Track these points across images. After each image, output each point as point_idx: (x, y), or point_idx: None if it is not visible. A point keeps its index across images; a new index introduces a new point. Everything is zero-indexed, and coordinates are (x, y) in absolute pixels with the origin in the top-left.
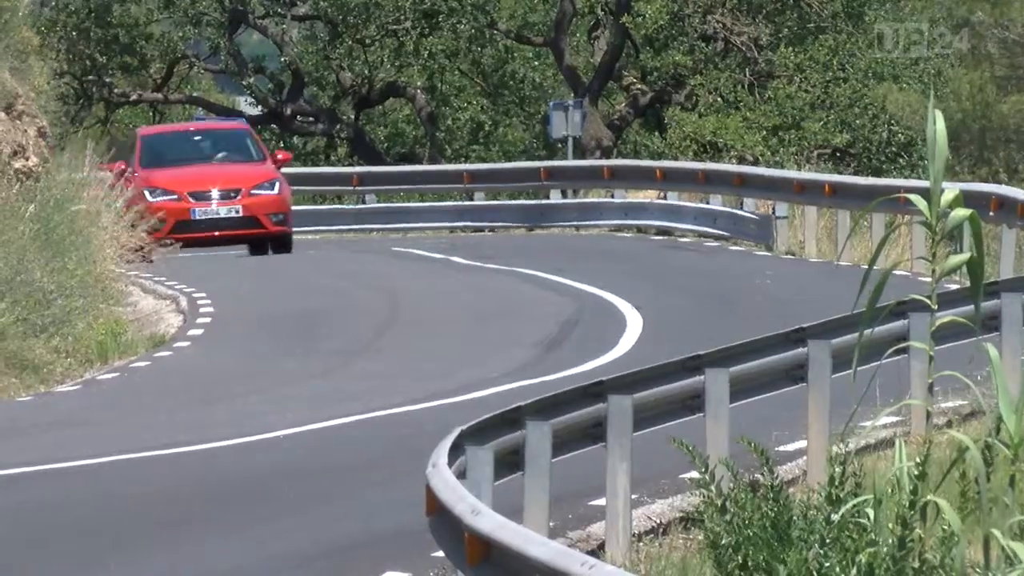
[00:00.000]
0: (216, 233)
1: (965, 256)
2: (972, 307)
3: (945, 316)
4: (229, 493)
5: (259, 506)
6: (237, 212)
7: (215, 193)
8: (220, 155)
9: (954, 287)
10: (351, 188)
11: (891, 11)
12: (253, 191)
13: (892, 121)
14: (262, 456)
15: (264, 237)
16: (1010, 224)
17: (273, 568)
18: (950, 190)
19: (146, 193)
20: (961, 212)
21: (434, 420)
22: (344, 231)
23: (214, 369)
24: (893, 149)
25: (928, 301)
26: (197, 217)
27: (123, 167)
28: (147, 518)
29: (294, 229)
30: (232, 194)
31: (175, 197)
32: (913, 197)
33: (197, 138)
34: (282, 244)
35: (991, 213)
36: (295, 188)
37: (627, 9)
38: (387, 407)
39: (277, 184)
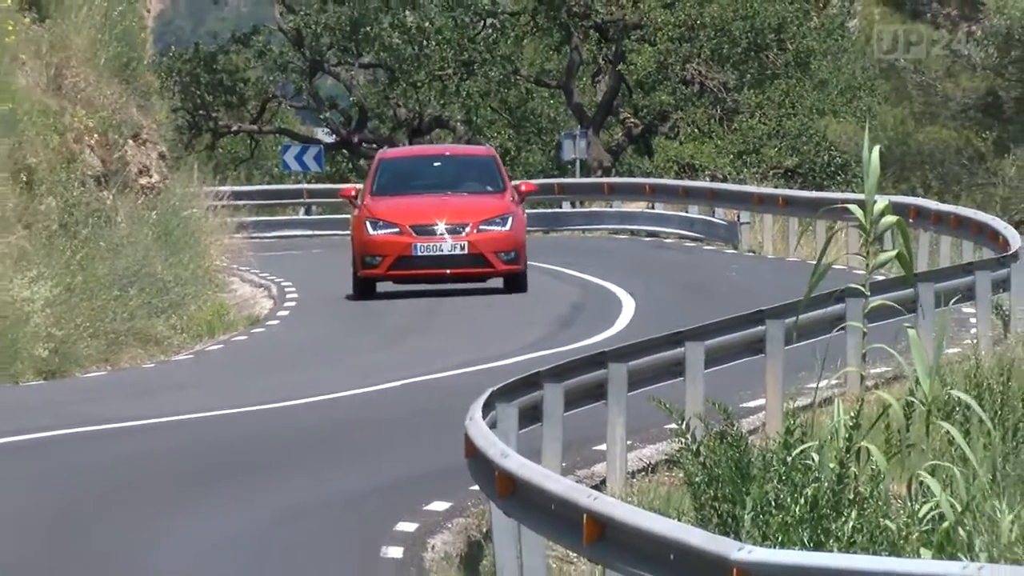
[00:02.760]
0: (438, 271)
1: (894, 252)
2: (896, 293)
3: (876, 300)
4: (306, 442)
5: (328, 452)
6: (463, 248)
7: (440, 227)
8: (457, 185)
9: (880, 279)
10: None
11: (831, 62)
12: (482, 226)
13: (831, 147)
14: (332, 412)
15: (491, 276)
16: (924, 228)
17: (338, 501)
18: (881, 201)
19: (367, 225)
20: (890, 218)
21: (469, 383)
22: None
23: (297, 343)
24: (832, 169)
25: (863, 289)
26: (419, 253)
27: (353, 193)
28: (242, 461)
29: None
30: (459, 229)
31: (396, 230)
32: (852, 207)
33: (437, 164)
34: (514, 283)
35: (910, 220)
36: None
37: (622, 59)
38: (431, 373)
39: (510, 219)
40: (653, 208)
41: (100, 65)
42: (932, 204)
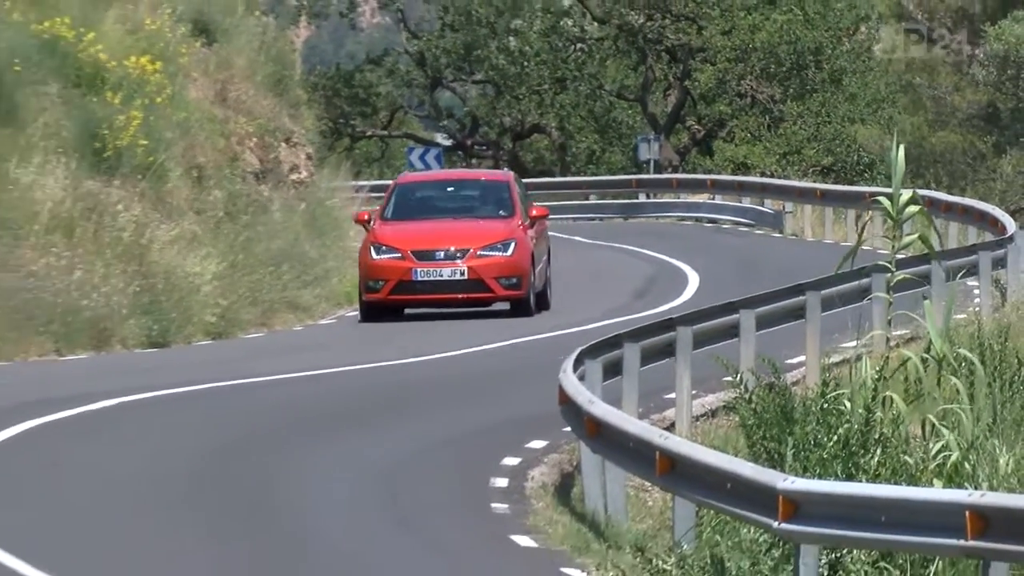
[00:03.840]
0: (438, 296)
1: (916, 235)
2: (914, 269)
3: (899, 275)
4: (425, 392)
5: (444, 400)
6: (462, 274)
7: (440, 253)
8: (466, 211)
9: (900, 257)
10: None
11: (860, 79)
12: (481, 252)
13: (860, 149)
14: (447, 367)
15: (492, 301)
16: (936, 216)
17: (453, 440)
18: (906, 193)
19: (371, 250)
20: (913, 208)
21: (561, 344)
22: None
23: (414, 313)
24: (861, 167)
25: (889, 266)
26: (419, 278)
27: (365, 218)
28: (374, 407)
29: None
30: (458, 255)
31: (398, 256)
32: (882, 199)
33: (450, 188)
34: (519, 308)
35: (925, 209)
36: None
37: (688, 76)
38: (529, 335)
39: (512, 245)
40: (713, 199)
41: (258, 81)
42: (943, 196)
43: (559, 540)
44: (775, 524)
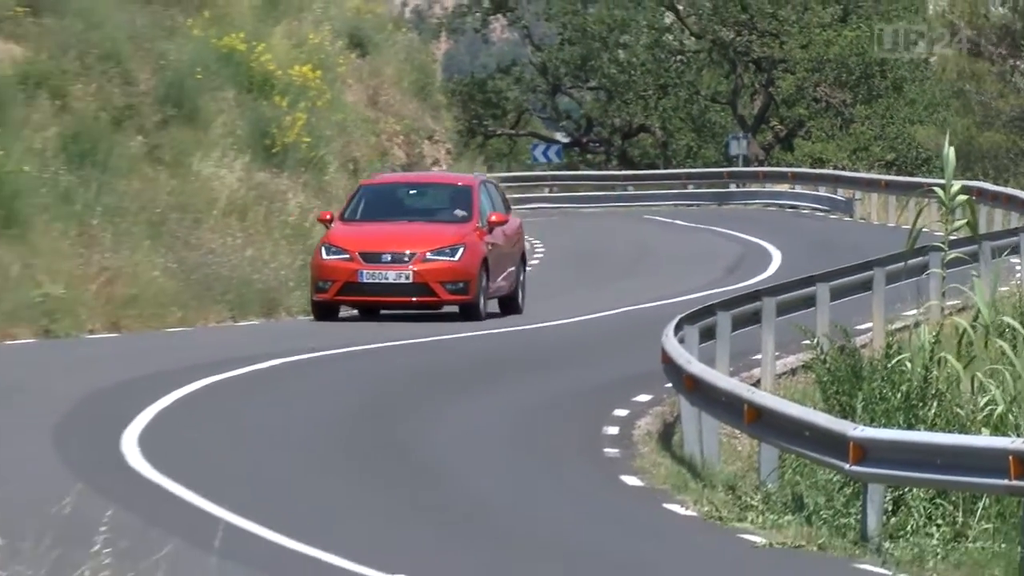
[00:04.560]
0: (384, 299)
1: (965, 220)
2: (964, 249)
3: (952, 253)
4: (548, 353)
5: (563, 360)
6: (407, 278)
7: (387, 256)
8: (425, 214)
9: (953, 238)
10: (620, 182)
11: (918, 87)
12: (429, 255)
13: (918, 146)
14: (567, 331)
15: (435, 306)
16: (984, 204)
17: (571, 394)
18: (956, 184)
19: (322, 250)
20: (962, 197)
21: (663, 312)
22: (616, 206)
23: (541, 284)
24: (919, 162)
25: (943, 246)
26: (364, 280)
27: (327, 218)
28: (503, 366)
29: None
30: (404, 258)
31: (346, 256)
32: (936, 189)
33: (412, 192)
34: (465, 312)
35: (974, 198)
36: (598, 184)
37: (772, 84)
38: (637, 304)
39: (461, 250)
40: (793, 188)
41: (404, 87)
42: (990, 186)
43: (661, 480)
44: (846, 466)
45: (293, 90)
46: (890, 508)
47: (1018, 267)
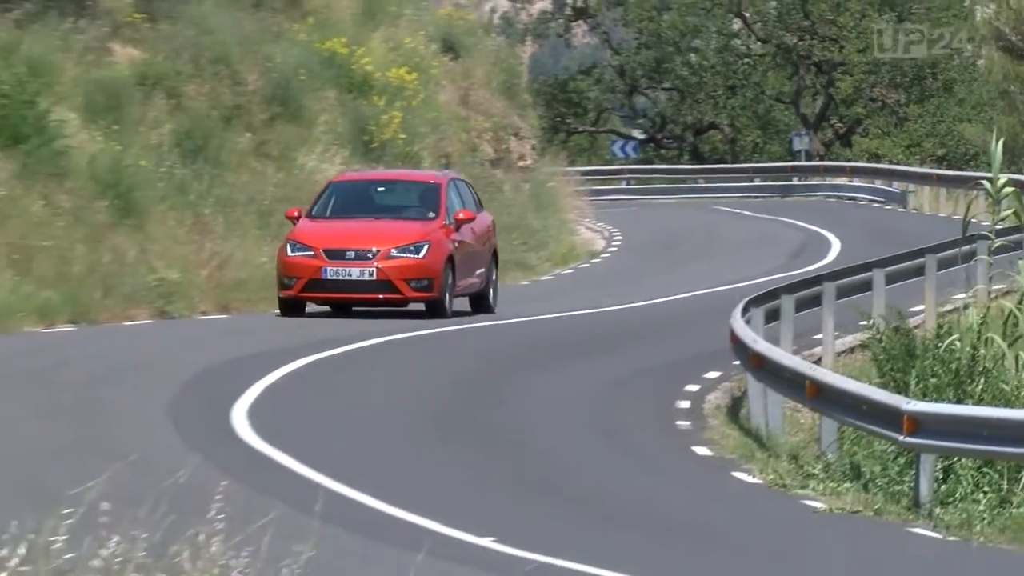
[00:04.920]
0: (348, 296)
1: (1011, 210)
2: (1009, 237)
3: (998, 241)
4: (624, 333)
5: (639, 340)
6: (370, 275)
7: (351, 253)
8: (392, 212)
9: (999, 227)
10: (692, 175)
11: (967, 87)
12: (394, 253)
13: (967, 143)
14: (641, 313)
15: (400, 303)
16: None
17: (645, 371)
18: (1002, 178)
19: (287, 247)
20: (1008, 188)
21: (731, 295)
22: (687, 198)
23: (620, 269)
24: (967, 157)
25: (990, 235)
26: (328, 277)
27: (295, 215)
28: (581, 346)
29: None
30: (368, 255)
31: (310, 253)
32: (984, 182)
33: (380, 189)
34: (431, 310)
35: (1019, 191)
36: (671, 177)
37: (832, 84)
38: (707, 288)
39: (425, 247)
40: (852, 182)
41: (493, 88)
42: None
43: (729, 450)
44: (900, 438)
45: (390, 90)
46: (940, 476)
47: None
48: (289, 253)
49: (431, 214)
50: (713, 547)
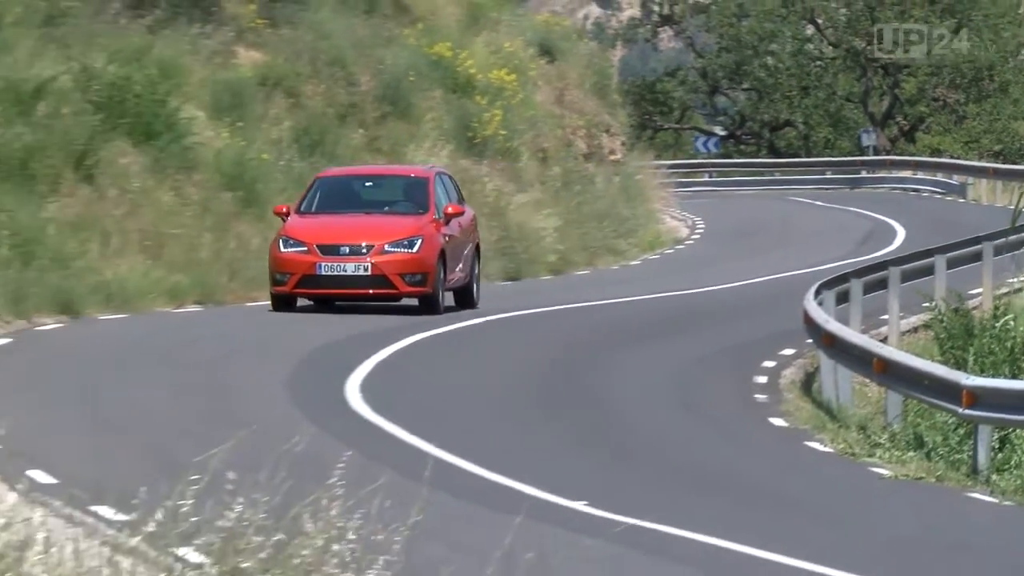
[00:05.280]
0: (343, 291)
1: None
2: None
3: None
4: (705, 313)
5: (720, 320)
6: (365, 270)
7: (345, 248)
8: (382, 207)
9: None
10: (768, 169)
11: (1021, 88)
12: (388, 248)
13: (1021, 139)
14: (722, 295)
15: (395, 298)
16: None
17: (726, 349)
18: None
19: (280, 243)
20: None
21: (805, 279)
22: (764, 189)
23: (703, 255)
24: (1021, 152)
25: None
26: (322, 272)
27: (284, 211)
28: (668, 325)
29: None
30: (362, 250)
31: (303, 249)
32: None
33: (368, 184)
34: (424, 305)
35: None
36: (749, 170)
37: (897, 85)
38: (783, 272)
39: (419, 241)
40: (915, 175)
41: (586, 88)
42: None
43: (803, 421)
44: (960, 410)
45: (491, 90)
46: (997, 446)
47: None
48: (282, 249)
49: (421, 209)
50: (789, 511)
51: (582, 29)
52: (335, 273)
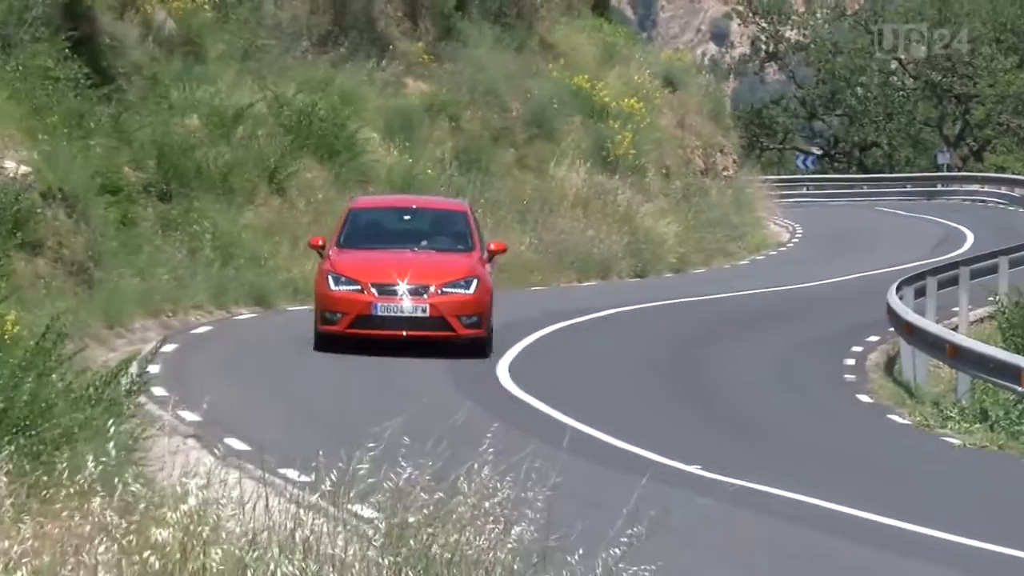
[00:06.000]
0: (399, 333)
1: None
2: None
3: None
4: (804, 306)
5: (814, 312)
6: (424, 311)
7: (401, 288)
8: (424, 241)
9: None
10: (858, 183)
11: None
12: (445, 288)
13: None
14: (818, 291)
15: (453, 340)
16: None
17: (821, 337)
18: None
19: (329, 280)
20: None
21: (888, 277)
22: (854, 200)
23: (802, 256)
24: None
25: None
26: (379, 313)
27: (320, 244)
28: (772, 315)
29: None
30: (421, 290)
31: (357, 288)
32: None
33: (407, 217)
34: (474, 348)
35: None
36: (842, 184)
37: (968, 112)
38: (868, 271)
39: (475, 282)
40: (983, 188)
41: (703, 114)
42: None
43: (886, 397)
44: (1020, 389)
45: (623, 116)
46: None
47: None
48: (332, 287)
49: (463, 246)
50: (873, 475)
51: (700, 64)
52: (392, 314)
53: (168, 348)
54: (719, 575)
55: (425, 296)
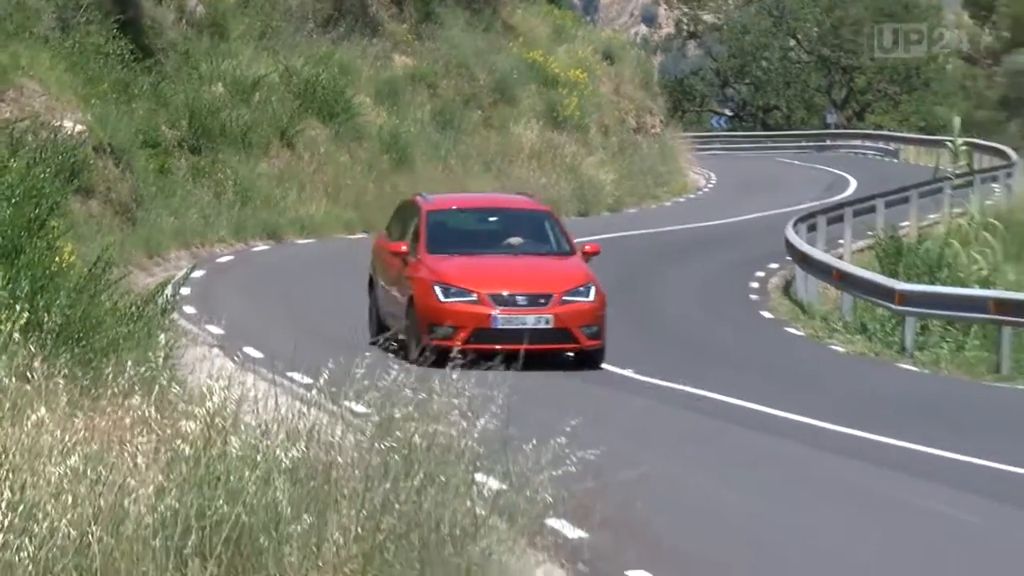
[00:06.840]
0: (522, 346)
1: (965, 162)
2: (965, 178)
3: (957, 182)
4: (720, 240)
5: (724, 245)
6: (547, 323)
7: (522, 298)
8: (517, 242)
9: (958, 172)
10: (761, 139)
11: (940, 82)
12: (566, 297)
13: (938, 118)
14: (728, 228)
15: (575, 351)
16: (977, 153)
17: (728, 265)
18: (959, 140)
19: (437, 290)
20: (964, 148)
21: (785, 216)
22: (759, 154)
23: (715, 199)
24: (938, 127)
25: (952, 176)
26: (500, 326)
27: (403, 250)
28: (690, 247)
29: None
30: (542, 300)
31: (473, 299)
32: (948, 143)
33: (492, 219)
34: (591, 360)
35: (970, 149)
36: (748, 140)
37: (852, 80)
38: (767, 211)
39: (593, 289)
40: (863, 143)
41: (635, 83)
42: (980, 142)
43: (784, 313)
44: (893, 306)
45: (570, 84)
46: (919, 331)
47: (996, 190)
48: (443, 299)
49: (560, 248)
50: (772, 375)
51: (633, 42)
52: (514, 327)
53: (197, 274)
54: (647, 457)
55: (546, 306)
